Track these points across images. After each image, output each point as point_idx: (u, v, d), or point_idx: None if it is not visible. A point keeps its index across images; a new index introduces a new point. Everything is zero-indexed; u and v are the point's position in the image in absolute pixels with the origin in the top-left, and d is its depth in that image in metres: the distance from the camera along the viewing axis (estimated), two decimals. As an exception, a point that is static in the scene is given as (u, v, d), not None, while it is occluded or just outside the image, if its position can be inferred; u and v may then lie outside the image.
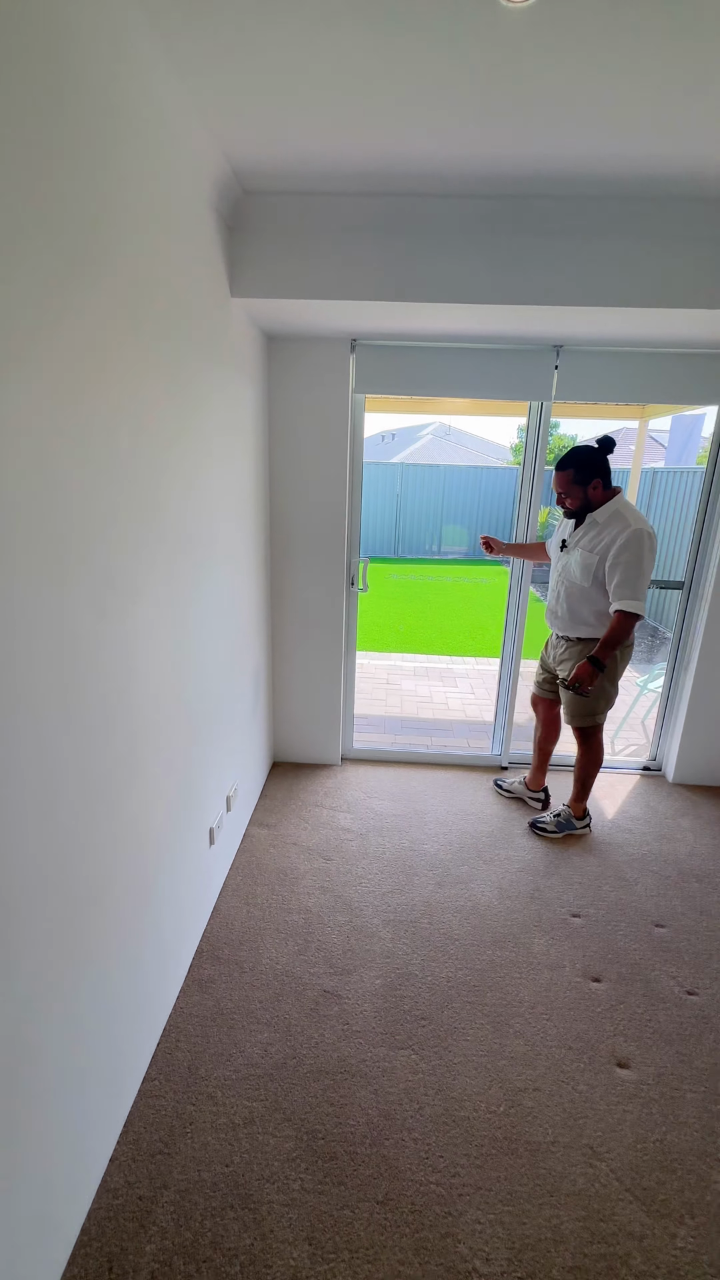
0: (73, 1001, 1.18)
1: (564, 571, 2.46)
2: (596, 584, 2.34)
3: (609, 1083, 1.60)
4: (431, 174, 1.76)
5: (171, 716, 1.65)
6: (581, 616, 2.42)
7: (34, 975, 1.05)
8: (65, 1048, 1.16)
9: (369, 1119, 1.50)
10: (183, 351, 1.61)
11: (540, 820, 2.68)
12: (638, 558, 2.21)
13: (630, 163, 1.67)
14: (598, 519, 2.34)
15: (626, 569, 2.23)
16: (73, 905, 1.16)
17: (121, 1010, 1.41)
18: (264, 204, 1.94)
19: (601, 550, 2.30)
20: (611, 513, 2.32)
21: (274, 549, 2.89)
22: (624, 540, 2.23)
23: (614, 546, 2.25)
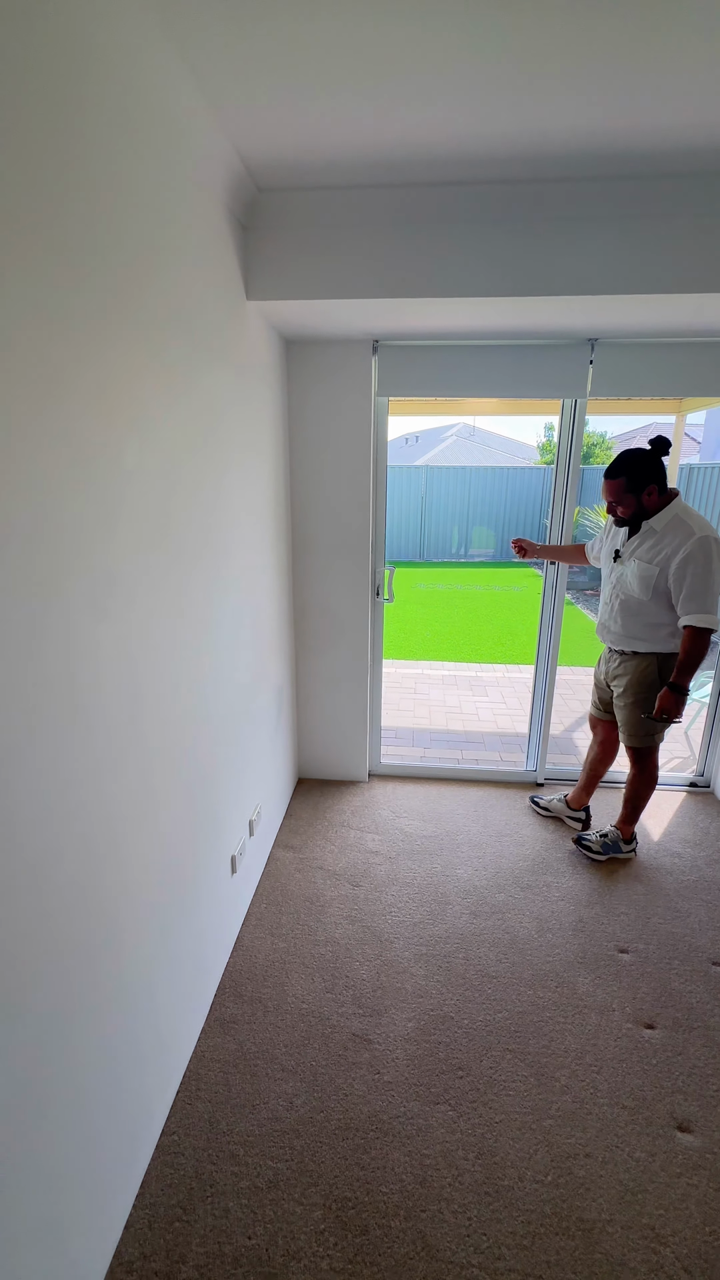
0: (84, 1053, 1.09)
1: (619, 583, 2.27)
2: (658, 597, 2.15)
3: (669, 1150, 1.44)
4: (453, 159, 1.64)
5: (189, 742, 1.55)
6: (636, 631, 2.25)
7: (41, 1029, 0.96)
8: (79, 1103, 1.07)
9: (403, 1185, 1.37)
10: (196, 359, 1.52)
11: (585, 837, 2.52)
12: (706, 568, 2.03)
13: (668, 136, 1.52)
14: (655, 526, 2.16)
15: (695, 580, 2.04)
16: (82, 960, 1.07)
17: (139, 1060, 1.32)
18: (279, 202, 1.84)
19: (662, 561, 2.11)
20: (671, 519, 2.13)
21: (296, 560, 2.79)
22: (690, 550, 2.04)
23: (677, 557, 2.07)
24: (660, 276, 1.81)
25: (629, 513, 2.18)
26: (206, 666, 1.67)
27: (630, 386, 2.47)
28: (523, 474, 11.55)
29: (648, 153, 1.60)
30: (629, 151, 1.60)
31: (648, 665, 2.25)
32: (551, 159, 1.63)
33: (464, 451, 17.34)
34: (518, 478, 11.42)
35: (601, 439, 14.03)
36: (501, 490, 11.33)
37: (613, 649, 2.39)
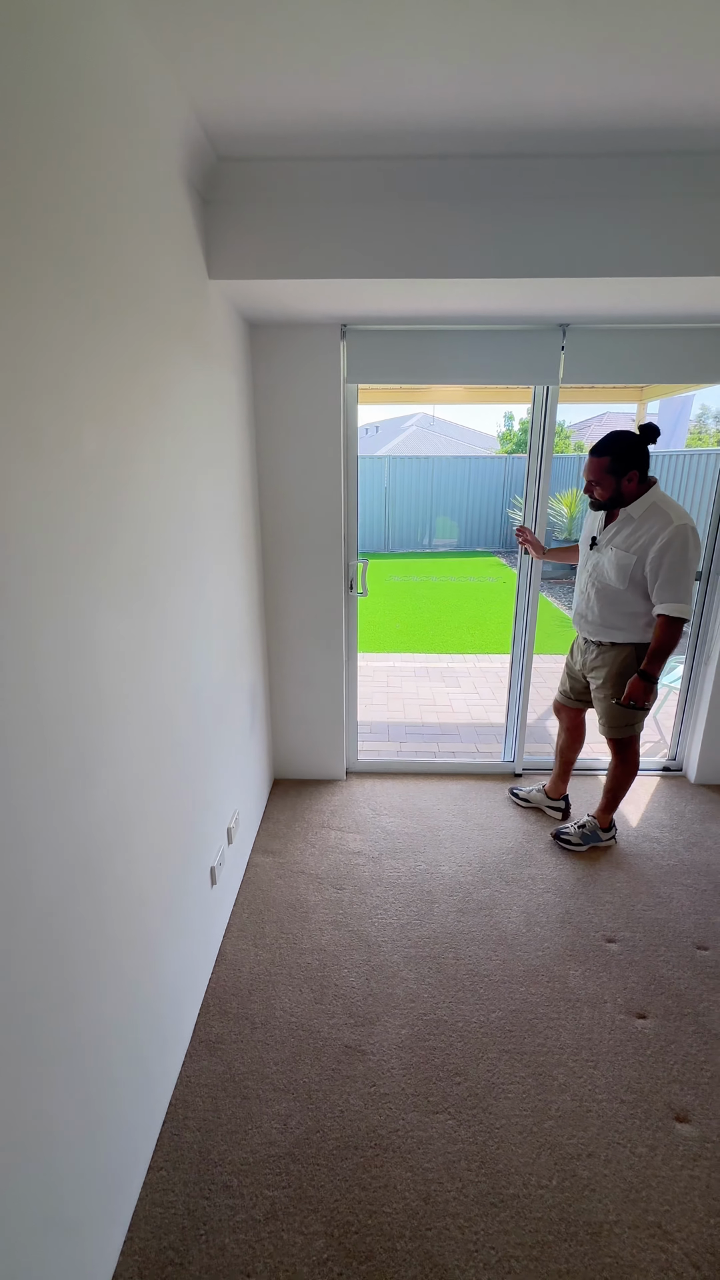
0: (59, 1097, 0.99)
1: (595, 572, 2.25)
2: (634, 586, 2.13)
3: (670, 1142, 1.44)
4: (427, 131, 1.56)
5: (161, 752, 1.45)
6: (613, 621, 2.23)
7: (8, 1076, 0.86)
8: (53, 1154, 0.97)
9: (407, 1204, 1.32)
10: (155, 340, 1.40)
11: (564, 831, 2.52)
12: (682, 557, 2.01)
13: (653, 112, 1.48)
14: (633, 514, 2.13)
15: (671, 569, 2.03)
16: (56, 1000, 0.97)
17: (121, 1097, 1.22)
18: (241, 173, 1.73)
19: (640, 549, 2.09)
20: (648, 506, 2.10)
21: (266, 553, 2.69)
22: (667, 538, 2.02)
23: (655, 545, 2.04)
24: (642, 259, 1.78)
25: (606, 496, 2.14)
26: (176, 670, 1.56)
27: (602, 373, 2.45)
28: (485, 463, 11.61)
29: (629, 130, 1.56)
30: (610, 128, 1.55)
31: (626, 656, 2.23)
32: (530, 134, 1.57)
33: (424, 441, 17.36)
34: (480, 467, 11.48)
35: (560, 427, 14.22)
36: (464, 480, 11.37)
37: (589, 640, 2.36)
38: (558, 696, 2.63)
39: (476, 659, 5.39)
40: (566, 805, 2.72)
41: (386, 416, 19.21)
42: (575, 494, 9.33)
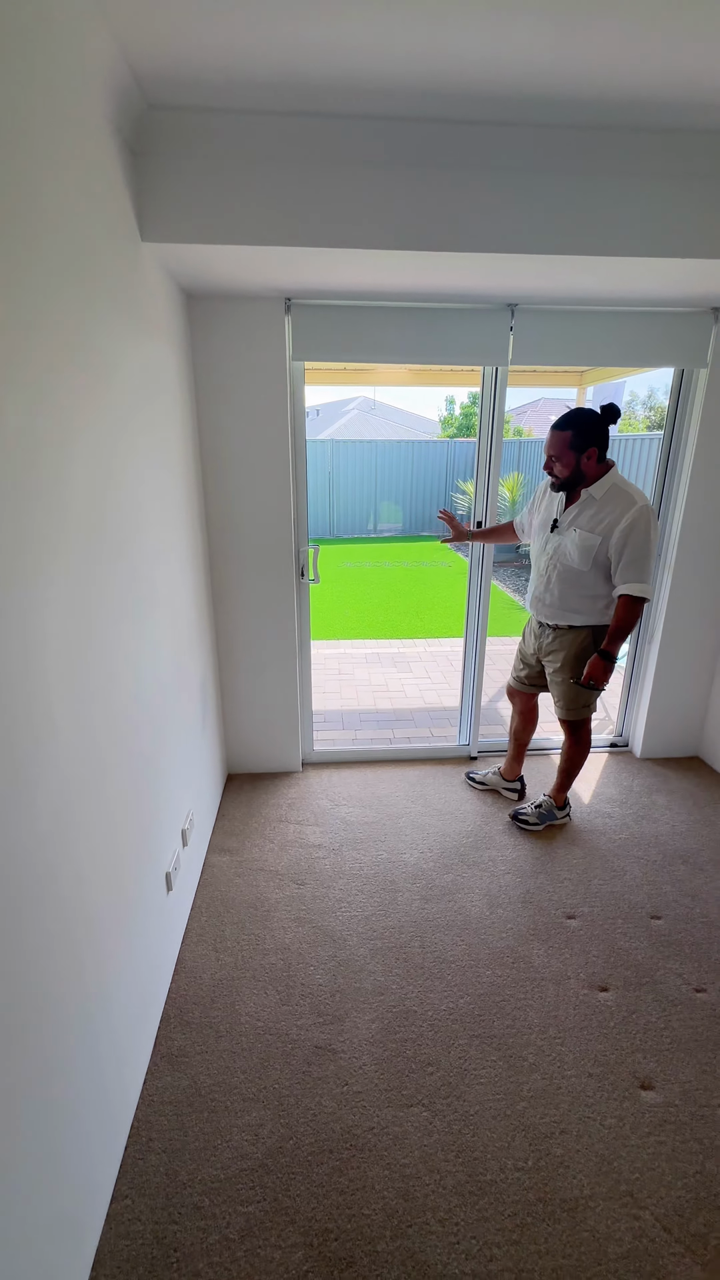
0: (9, 1140, 0.90)
1: (556, 554, 2.23)
2: (597, 568, 2.14)
3: (637, 1111, 1.48)
4: (377, 88, 1.47)
5: (108, 756, 1.34)
6: (573, 603, 2.23)
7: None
8: (19, 1206, 0.88)
9: (386, 1203, 1.30)
10: (84, 306, 1.27)
11: (522, 811, 2.55)
12: (646, 538, 2.03)
13: (609, 84, 1.45)
14: (595, 494, 2.12)
15: (635, 550, 2.04)
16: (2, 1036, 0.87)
17: (80, 1131, 1.13)
18: (175, 124, 1.58)
19: (604, 530, 2.09)
20: (610, 487, 2.11)
21: (212, 542, 2.56)
22: (631, 519, 2.03)
23: (620, 526, 2.05)
24: (585, 239, 1.76)
25: (566, 473, 2.13)
26: (120, 665, 1.45)
27: (550, 354, 2.44)
28: (428, 447, 11.63)
29: (583, 102, 1.52)
30: (565, 98, 1.50)
31: (584, 639, 2.25)
32: (486, 99, 1.51)
33: (366, 425, 17.24)
34: (423, 451, 11.49)
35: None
36: (408, 464, 11.36)
37: (545, 623, 2.36)
38: (510, 681, 2.64)
39: (427, 643, 5.41)
40: (522, 786, 2.75)
41: (327, 400, 18.95)
42: (517, 478, 9.50)
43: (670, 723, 3.04)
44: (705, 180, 1.73)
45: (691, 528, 2.72)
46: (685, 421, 2.65)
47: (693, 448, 2.62)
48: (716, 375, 2.50)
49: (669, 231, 1.77)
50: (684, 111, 1.58)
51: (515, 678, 2.60)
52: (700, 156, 1.70)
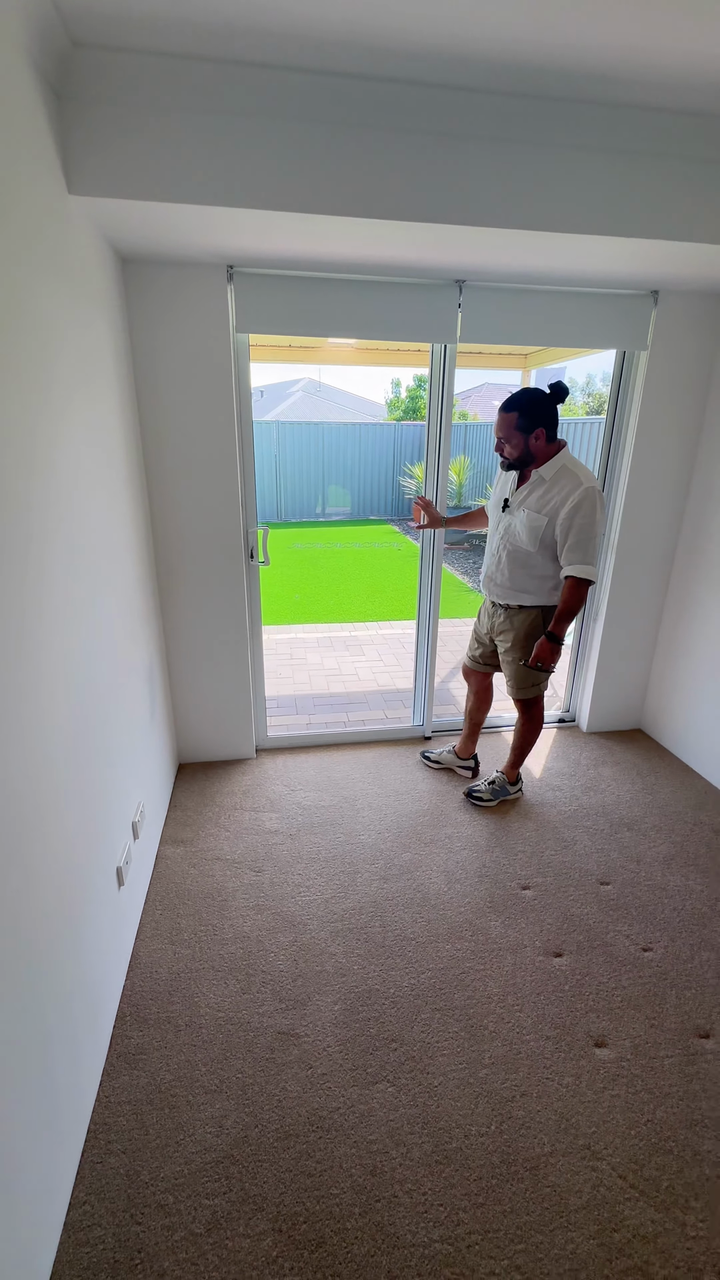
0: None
1: (507, 534, 2.24)
2: (544, 548, 2.15)
3: (592, 1068, 1.54)
4: (324, 40, 1.40)
5: (50, 752, 1.26)
6: (522, 583, 2.24)
7: None
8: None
9: (354, 1180, 1.30)
10: (7, 266, 1.16)
11: (476, 789, 2.59)
12: (591, 519, 2.04)
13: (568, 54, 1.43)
14: (544, 475, 2.13)
15: (580, 531, 2.05)
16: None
17: (33, 1144, 1.07)
18: (104, 65, 1.46)
19: (551, 511, 2.10)
20: (559, 469, 2.11)
21: (157, 521, 2.45)
22: (577, 500, 2.04)
23: (565, 506, 2.05)
24: (535, 213, 1.75)
25: (515, 454, 2.14)
26: (59, 656, 1.36)
27: (498, 333, 2.44)
28: (375, 430, 11.57)
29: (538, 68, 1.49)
30: (522, 65, 1.47)
31: (533, 619, 2.27)
32: (432, 58, 1.46)
33: (311, 407, 16.99)
34: (370, 434, 11.42)
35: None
36: (355, 447, 11.27)
37: (497, 603, 2.38)
38: (466, 661, 2.66)
39: (379, 626, 5.41)
40: (476, 764, 2.80)
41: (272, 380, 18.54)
42: (464, 461, 9.58)
43: (614, 698, 3.15)
44: (650, 159, 1.75)
45: (633, 508, 2.81)
46: (627, 404, 2.72)
47: (634, 430, 2.69)
48: (656, 358, 2.57)
49: (612, 210, 1.78)
50: (633, 88, 1.58)
51: (470, 657, 2.62)
52: (647, 135, 1.71)
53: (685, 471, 2.79)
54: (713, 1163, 1.34)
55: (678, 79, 1.54)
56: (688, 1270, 1.17)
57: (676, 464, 2.77)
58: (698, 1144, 1.38)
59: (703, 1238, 1.22)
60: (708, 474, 2.70)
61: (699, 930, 1.95)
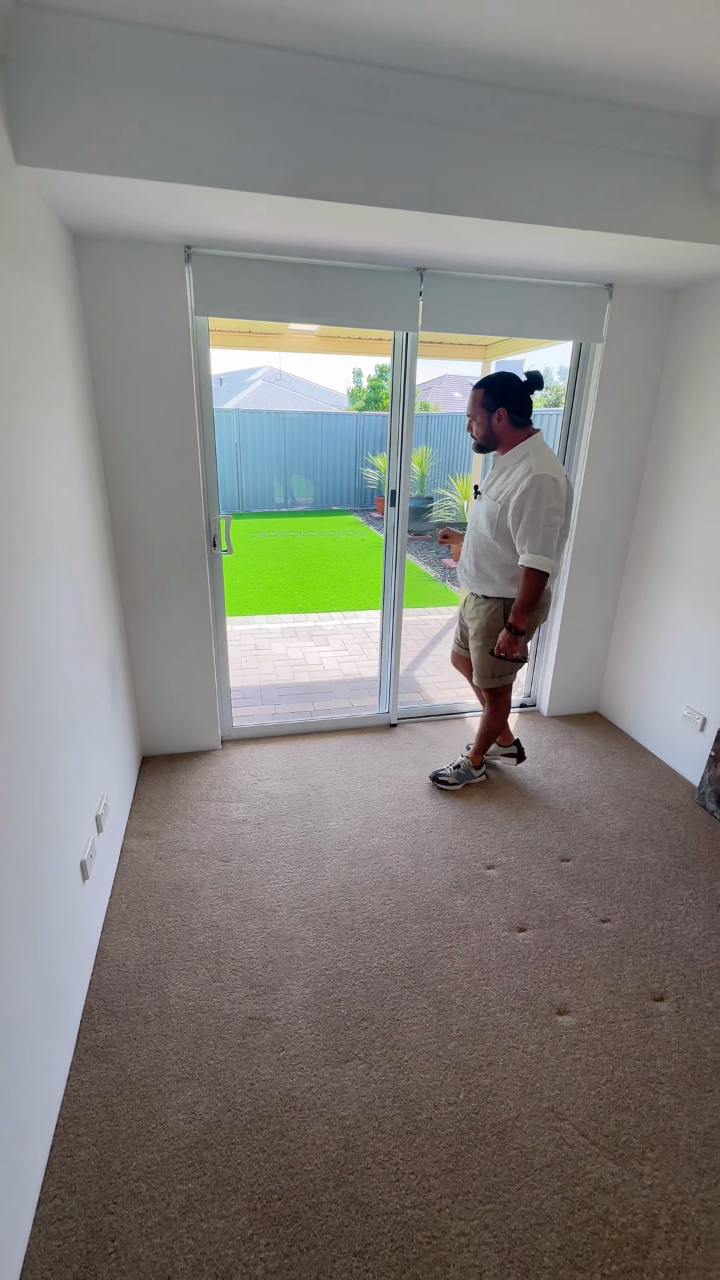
0: None
1: (474, 522, 2.24)
2: (500, 535, 2.13)
3: (555, 1035, 1.60)
4: (288, 16, 1.38)
5: (3, 744, 1.23)
6: (487, 573, 2.23)
7: None
8: None
9: (327, 1156, 1.33)
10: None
11: (441, 773, 2.63)
12: (536, 506, 1.99)
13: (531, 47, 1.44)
14: (506, 463, 2.12)
15: (529, 520, 2.01)
16: None
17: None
18: (55, 28, 1.40)
19: (505, 497, 2.08)
20: (521, 456, 2.09)
21: (115, 513, 2.39)
22: (525, 486, 2.00)
23: (516, 493, 2.03)
24: (497, 202, 1.77)
25: (480, 434, 2.14)
26: (13, 647, 1.33)
27: (459, 322, 2.46)
28: (337, 419, 11.50)
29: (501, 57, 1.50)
30: (486, 53, 1.48)
31: (495, 610, 2.28)
32: (397, 42, 1.45)
33: (272, 396, 16.76)
34: (332, 423, 11.35)
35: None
36: (316, 436, 11.18)
37: (470, 591, 2.38)
38: (454, 648, 2.66)
39: (343, 616, 5.42)
40: (519, 747, 2.76)
41: (231, 369, 18.21)
42: (425, 451, 9.63)
43: (573, 682, 3.25)
44: (608, 154, 1.78)
45: (589, 499, 2.89)
46: (584, 396, 2.78)
47: (590, 421, 2.76)
48: (610, 350, 2.64)
49: (570, 202, 1.81)
50: (596, 83, 1.61)
51: (456, 642, 2.63)
52: (607, 130, 1.75)
53: (639, 462, 2.88)
54: (667, 1115, 1.42)
55: (637, 77, 1.58)
56: (644, 1216, 1.24)
57: (630, 455, 2.85)
58: (654, 1099, 1.46)
59: (658, 1185, 1.29)
60: (657, 465, 2.80)
61: (653, 900, 2.05)
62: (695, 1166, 1.33)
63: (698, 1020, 1.65)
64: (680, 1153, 1.35)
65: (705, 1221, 1.23)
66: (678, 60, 1.50)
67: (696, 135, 1.81)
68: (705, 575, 2.59)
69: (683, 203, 1.89)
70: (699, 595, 2.62)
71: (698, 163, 1.85)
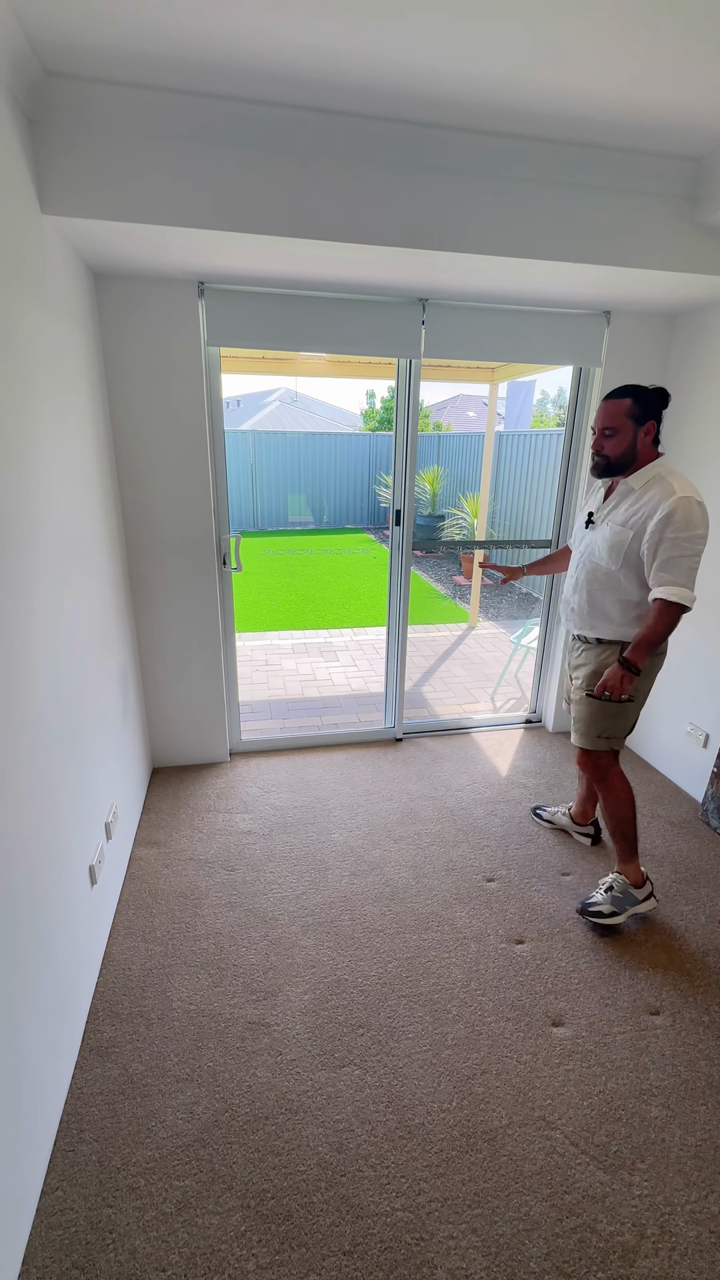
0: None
1: (587, 552, 1.91)
2: (629, 568, 1.80)
3: (549, 1046, 1.61)
4: (285, 77, 1.50)
5: (20, 754, 1.31)
6: (604, 610, 1.89)
7: None
8: None
9: (320, 1158, 1.36)
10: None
11: (591, 904, 2.01)
12: (686, 533, 1.67)
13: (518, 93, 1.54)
14: (633, 485, 1.81)
15: (673, 546, 1.68)
16: None
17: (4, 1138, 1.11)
18: (76, 94, 1.53)
19: (638, 524, 1.76)
20: (652, 477, 1.78)
21: (130, 529, 2.50)
22: (668, 509, 1.68)
23: (655, 517, 1.71)
24: (490, 238, 1.87)
25: (619, 450, 1.80)
26: (32, 659, 1.41)
27: (460, 349, 2.56)
28: (349, 440, 11.71)
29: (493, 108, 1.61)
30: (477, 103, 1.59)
31: (611, 656, 1.90)
32: (398, 98, 1.56)
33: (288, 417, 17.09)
34: (345, 444, 11.56)
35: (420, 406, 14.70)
36: (330, 456, 11.38)
37: (575, 634, 2.03)
38: (564, 704, 2.29)
39: (353, 632, 5.49)
40: (597, 829, 2.42)
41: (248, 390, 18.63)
42: (437, 471, 9.75)
43: (577, 698, 3.26)
44: (599, 193, 1.88)
45: (591, 516, 2.94)
46: (583, 418, 2.85)
47: (589, 442, 2.82)
48: (609, 374, 2.71)
49: (565, 238, 1.91)
50: (588, 128, 1.70)
51: (564, 700, 2.20)
52: (598, 171, 1.85)
53: (640, 481, 2.93)
54: (659, 1127, 1.43)
55: (626, 122, 1.67)
56: (632, 1226, 1.25)
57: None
58: (646, 1111, 1.46)
59: (647, 1196, 1.30)
60: (660, 484, 2.84)
61: (653, 915, 2.05)
62: (685, 1179, 1.33)
63: (693, 1034, 1.65)
64: (671, 1165, 1.36)
65: (693, 1233, 1.24)
66: (664, 107, 1.60)
67: (684, 173, 1.90)
68: (706, 594, 2.61)
69: (672, 236, 1.97)
70: (701, 614, 2.65)
71: (686, 198, 1.94)
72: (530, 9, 1.25)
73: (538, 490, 7.17)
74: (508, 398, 13.71)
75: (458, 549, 8.74)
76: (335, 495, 11.63)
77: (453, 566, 8.49)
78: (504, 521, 8.03)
